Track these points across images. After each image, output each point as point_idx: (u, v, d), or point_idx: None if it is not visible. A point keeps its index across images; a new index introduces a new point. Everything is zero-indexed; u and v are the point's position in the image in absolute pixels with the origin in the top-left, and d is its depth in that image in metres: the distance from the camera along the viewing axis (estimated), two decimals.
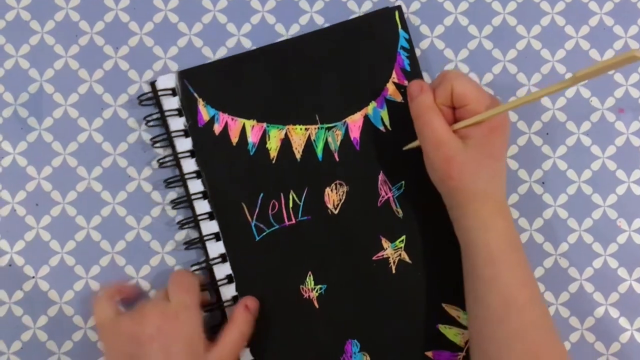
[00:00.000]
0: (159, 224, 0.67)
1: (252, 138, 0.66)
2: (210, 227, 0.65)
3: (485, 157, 0.58)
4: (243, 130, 0.66)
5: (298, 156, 0.66)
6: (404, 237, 0.66)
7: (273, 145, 0.66)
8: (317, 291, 0.65)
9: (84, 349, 0.66)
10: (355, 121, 0.66)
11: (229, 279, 0.65)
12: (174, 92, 0.66)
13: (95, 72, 0.68)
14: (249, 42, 0.69)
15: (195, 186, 0.66)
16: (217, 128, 0.66)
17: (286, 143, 0.66)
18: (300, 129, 0.66)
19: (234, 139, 0.66)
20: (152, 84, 0.67)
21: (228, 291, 0.65)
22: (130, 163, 0.67)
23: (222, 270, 0.65)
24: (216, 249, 0.65)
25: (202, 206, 0.66)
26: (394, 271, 0.66)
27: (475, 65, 0.69)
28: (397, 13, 0.67)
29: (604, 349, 0.67)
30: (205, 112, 0.66)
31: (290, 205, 0.66)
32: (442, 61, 0.69)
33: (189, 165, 0.66)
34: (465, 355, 0.65)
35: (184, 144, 0.66)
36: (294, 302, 0.65)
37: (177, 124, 0.66)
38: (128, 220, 0.67)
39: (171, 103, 0.66)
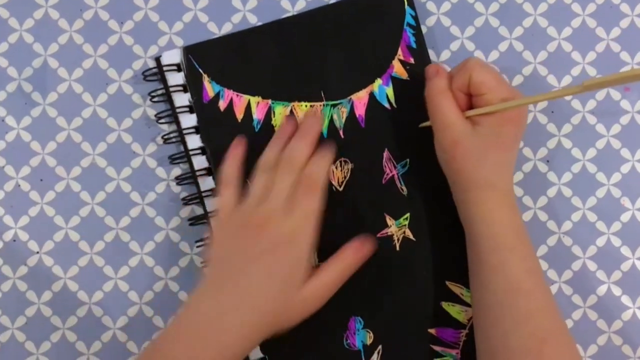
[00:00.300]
0: (163, 200, 0.67)
1: (257, 115, 0.66)
2: (215, 204, 0.65)
3: (493, 146, 0.58)
4: (248, 107, 0.66)
5: None
6: (408, 214, 0.66)
7: (278, 122, 0.66)
8: None
9: (89, 324, 0.66)
10: (360, 98, 0.66)
11: None
12: (178, 68, 0.66)
13: (99, 47, 0.68)
14: (254, 17, 0.68)
15: (200, 162, 0.66)
16: (222, 104, 0.66)
17: None
18: (306, 105, 0.66)
19: (239, 116, 0.66)
20: (157, 59, 0.67)
21: None
22: (135, 139, 0.67)
23: None
24: None
25: (207, 183, 0.66)
26: (398, 248, 0.66)
27: (481, 43, 0.68)
28: None
29: (605, 327, 0.67)
30: (210, 88, 0.66)
31: None
32: (448, 38, 0.68)
33: (194, 141, 0.66)
34: (469, 333, 0.65)
35: (188, 120, 0.66)
36: None
37: (182, 100, 0.66)
38: (133, 196, 0.67)
39: (176, 79, 0.66)
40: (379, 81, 0.66)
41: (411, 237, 0.66)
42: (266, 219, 0.58)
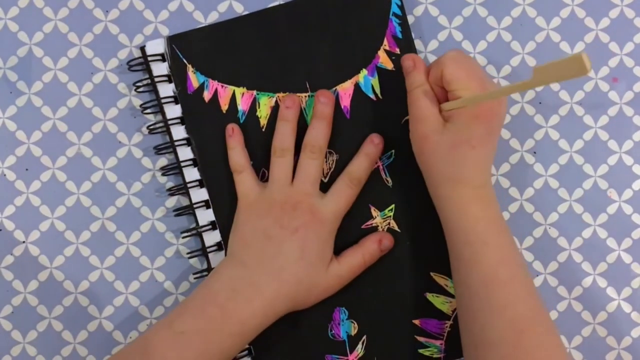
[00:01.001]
0: (149, 190, 0.67)
1: (242, 106, 0.66)
2: (200, 194, 0.65)
3: (461, 143, 0.58)
4: (233, 98, 0.66)
5: None
6: (393, 206, 0.66)
7: (263, 113, 0.66)
8: None
9: (75, 313, 0.66)
10: (345, 89, 0.66)
11: (219, 246, 0.65)
12: (163, 58, 0.66)
13: (85, 36, 0.67)
14: (241, 6, 0.68)
15: (185, 153, 0.65)
16: (207, 95, 0.65)
17: (276, 111, 0.65)
18: None
19: (224, 107, 0.66)
20: (142, 48, 0.66)
21: (218, 259, 0.65)
22: (121, 129, 0.67)
23: (212, 238, 0.65)
24: (206, 216, 0.65)
25: (192, 174, 0.66)
26: None
27: (469, 33, 0.68)
28: None
29: (590, 318, 0.67)
30: (194, 78, 0.65)
31: None
32: (436, 28, 0.68)
33: (179, 132, 0.66)
34: (453, 324, 0.65)
35: (173, 111, 0.66)
36: None
37: (166, 90, 0.66)
38: (118, 186, 0.67)
39: (160, 69, 0.66)
40: (364, 72, 0.66)
41: (396, 228, 0.66)
42: (300, 199, 0.61)
